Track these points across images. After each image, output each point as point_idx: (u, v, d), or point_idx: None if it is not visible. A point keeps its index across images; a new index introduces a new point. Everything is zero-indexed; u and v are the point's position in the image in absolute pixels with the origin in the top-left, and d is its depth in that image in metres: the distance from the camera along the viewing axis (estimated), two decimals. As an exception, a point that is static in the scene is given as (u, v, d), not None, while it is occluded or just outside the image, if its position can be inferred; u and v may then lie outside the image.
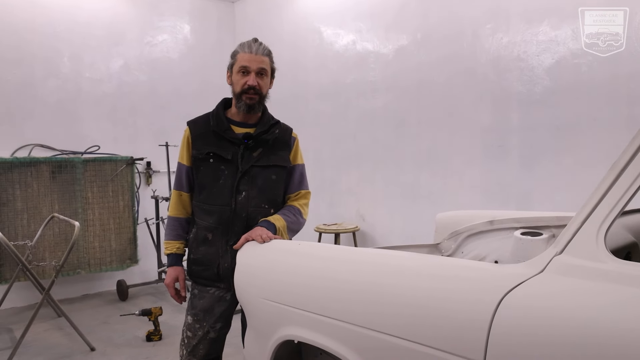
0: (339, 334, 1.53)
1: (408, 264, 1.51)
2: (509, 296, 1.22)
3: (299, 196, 2.41)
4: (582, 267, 1.19)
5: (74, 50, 5.34)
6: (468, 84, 4.23)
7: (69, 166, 5.02)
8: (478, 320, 1.24)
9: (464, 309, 1.28)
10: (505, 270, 1.32)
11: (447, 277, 1.38)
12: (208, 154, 2.24)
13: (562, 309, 1.14)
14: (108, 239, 5.29)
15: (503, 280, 1.27)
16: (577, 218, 1.26)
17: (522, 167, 3.93)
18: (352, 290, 1.54)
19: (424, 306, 1.36)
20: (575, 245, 1.23)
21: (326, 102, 5.47)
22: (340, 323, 1.53)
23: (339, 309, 1.55)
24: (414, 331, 1.36)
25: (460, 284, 1.34)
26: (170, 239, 2.37)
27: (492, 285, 1.27)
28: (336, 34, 5.33)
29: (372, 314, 1.46)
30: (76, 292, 5.48)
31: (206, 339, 2.28)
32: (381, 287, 1.47)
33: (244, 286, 1.98)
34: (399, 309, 1.40)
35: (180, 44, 6.06)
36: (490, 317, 1.22)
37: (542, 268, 1.26)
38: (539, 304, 1.18)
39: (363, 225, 5.17)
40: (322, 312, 1.59)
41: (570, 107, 3.64)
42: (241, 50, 2.23)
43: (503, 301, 1.22)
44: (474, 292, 1.29)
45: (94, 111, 5.48)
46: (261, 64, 2.22)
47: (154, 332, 4.20)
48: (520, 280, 1.24)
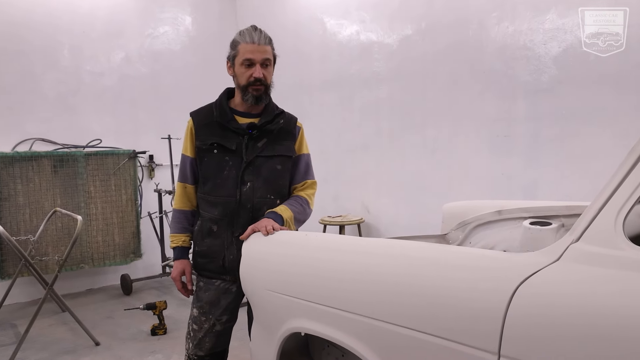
0: (349, 326, 1.50)
1: (420, 254, 1.47)
2: (524, 285, 1.18)
3: (306, 186, 2.37)
4: (600, 255, 1.15)
5: (74, 43, 5.29)
6: (474, 74, 4.18)
7: (70, 160, 4.99)
8: (492, 310, 1.20)
9: (478, 298, 1.24)
10: (520, 259, 1.28)
11: (459, 266, 1.35)
12: (212, 144, 2.21)
13: (580, 297, 1.10)
14: (111, 233, 5.26)
15: (518, 268, 1.23)
16: (594, 205, 1.22)
17: (528, 157, 3.88)
18: (363, 281, 1.50)
19: (436, 296, 1.32)
20: (593, 232, 1.19)
21: (330, 93, 5.42)
22: (350, 315, 1.50)
23: (349, 301, 1.51)
24: (426, 322, 1.32)
25: (474, 273, 1.30)
26: (175, 232, 2.34)
27: (507, 274, 1.23)
28: (340, 24, 5.28)
29: (383, 305, 1.42)
30: (80, 286, 5.46)
31: (212, 332, 2.26)
32: (393, 278, 1.43)
33: (250, 278, 1.94)
34: (411, 300, 1.36)
35: (182, 35, 6.01)
36: (505, 307, 1.18)
37: (558, 256, 1.22)
38: (556, 292, 1.14)
39: (368, 217, 5.13)
40: (332, 303, 1.55)
41: (577, 96, 3.59)
42: (242, 40, 2.17)
43: (518, 290, 1.18)
44: (488, 281, 1.25)
45: (95, 104, 5.44)
46: (265, 54, 2.17)
47: (159, 326, 4.18)
48: (536, 269, 1.20)
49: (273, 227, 2.02)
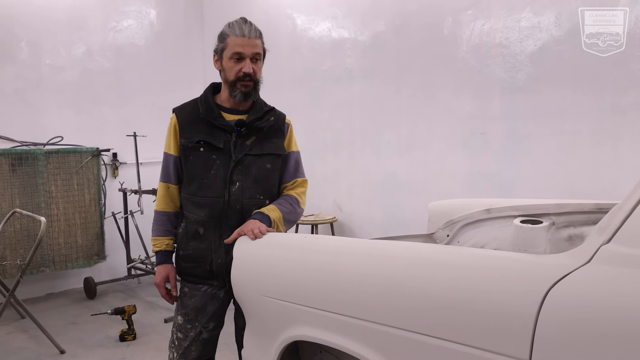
0: (360, 334, 1.42)
1: (436, 257, 1.40)
2: (556, 288, 1.13)
3: (296, 184, 2.28)
4: (634, 256, 1.11)
5: (33, 35, 5.03)
6: (449, 71, 4.17)
7: (30, 158, 4.74)
8: (522, 315, 1.14)
9: (506, 302, 1.18)
10: (548, 261, 1.23)
11: (482, 268, 1.28)
12: (198, 142, 2.09)
13: (617, 299, 1.06)
14: (74, 234, 5.03)
15: (547, 271, 1.18)
16: (625, 205, 1.18)
17: (504, 155, 3.90)
18: (374, 285, 1.42)
19: (457, 301, 1.25)
20: (626, 233, 1.14)
21: (300, 90, 5.33)
22: (360, 322, 1.41)
23: (359, 307, 1.43)
24: (448, 329, 1.26)
25: (499, 275, 1.24)
26: (158, 235, 2.20)
27: (536, 277, 1.18)
28: (310, 20, 5.19)
29: (398, 312, 1.34)
30: (39, 291, 5.19)
31: (198, 340, 2.14)
32: (409, 282, 1.36)
33: (244, 283, 1.84)
34: (430, 305, 1.29)
35: (147, 29, 5.80)
36: (536, 311, 1.13)
37: (588, 258, 1.17)
38: (592, 295, 1.09)
39: (340, 216, 5.07)
40: (339, 310, 1.46)
41: (553, 94, 3.62)
42: (232, 33, 2.06)
43: (549, 294, 1.13)
44: (516, 284, 1.19)
45: (56, 100, 5.19)
46: (255, 49, 2.07)
47: (128, 332, 4.02)
48: (567, 271, 1.15)
49: (260, 230, 1.93)
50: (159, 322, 4.42)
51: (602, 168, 3.42)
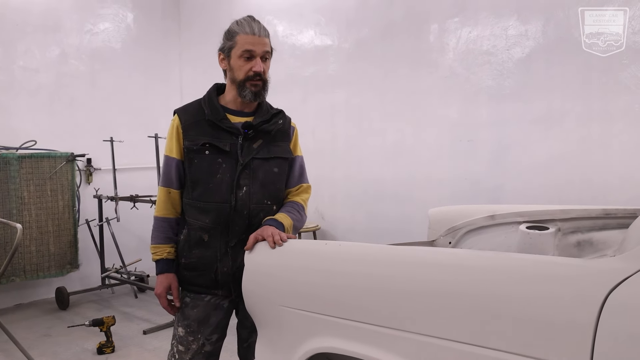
0: (396, 345, 1.35)
1: (478, 262, 1.33)
2: (614, 294, 1.09)
3: (301, 190, 2.21)
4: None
5: (6, 37, 4.83)
6: (435, 78, 4.17)
7: (2, 163, 4.52)
8: (580, 324, 1.09)
9: (561, 310, 1.13)
10: (600, 266, 1.19)
11: (531, 275, 1.23)
12: (204, 145, 2.00)
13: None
14: (46, 242, 4.82)
15: (601, 276, 1.13)
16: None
17: (492, 162, 3.91)
18: (411, 294, 1.35)
19: (504, 308, 1.20)
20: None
21: (282, 96, 5.22)
22: (396, 332, 1.35)
23: (395, 316, 1.36)
24: (495, 337, 1.20)
25: (551, 282, 1.19)
26: (158, 242, 2.08)
27: (591, 283, 1.13)
28: (293, 26, 5.13)
29: (440, 322, 1.28)
30: (7, 302, 4.95)
31: (201, 353, 2.04)
32: (449, 289, 1.29)
33: (258, 293, 1.74)
34: (475, 313, 1.24)
35: (123, 33, 5.65)
36: (595, 319, 1.08)
37: (644, 262, 1.13)
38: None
39: (323, 224, 5.01)
40: (373, 320, 1.39)
41: (541, 101, 3.64)
42: (241, 31, 1.99)
43: (608, 300, 1.09)
44: (570, 290, 1.15)
45: (29, 103, 4.99)
46: (265, 47, 2.01)
47: (106, 344, 3.85)
48: (624, 277, 1.11)
49: (281, 237, 1.81)
50: (137, 333, 4.25)
51: (591, 175, 3.45)
